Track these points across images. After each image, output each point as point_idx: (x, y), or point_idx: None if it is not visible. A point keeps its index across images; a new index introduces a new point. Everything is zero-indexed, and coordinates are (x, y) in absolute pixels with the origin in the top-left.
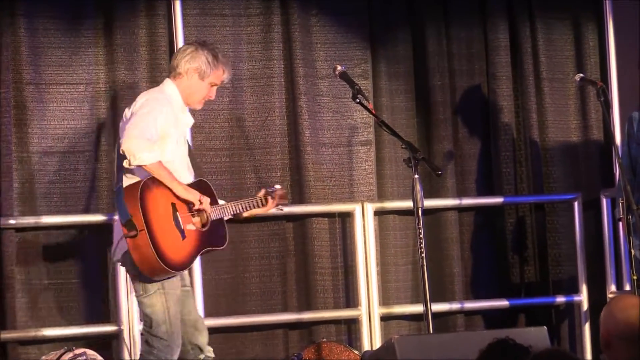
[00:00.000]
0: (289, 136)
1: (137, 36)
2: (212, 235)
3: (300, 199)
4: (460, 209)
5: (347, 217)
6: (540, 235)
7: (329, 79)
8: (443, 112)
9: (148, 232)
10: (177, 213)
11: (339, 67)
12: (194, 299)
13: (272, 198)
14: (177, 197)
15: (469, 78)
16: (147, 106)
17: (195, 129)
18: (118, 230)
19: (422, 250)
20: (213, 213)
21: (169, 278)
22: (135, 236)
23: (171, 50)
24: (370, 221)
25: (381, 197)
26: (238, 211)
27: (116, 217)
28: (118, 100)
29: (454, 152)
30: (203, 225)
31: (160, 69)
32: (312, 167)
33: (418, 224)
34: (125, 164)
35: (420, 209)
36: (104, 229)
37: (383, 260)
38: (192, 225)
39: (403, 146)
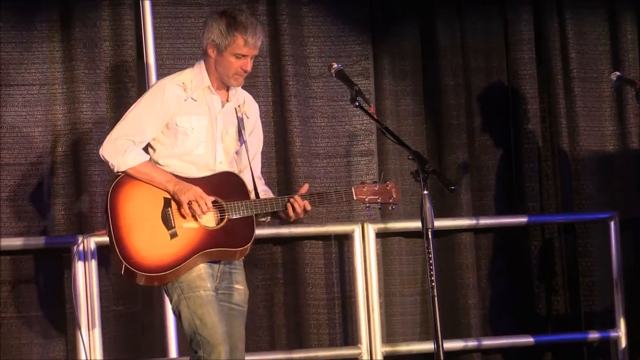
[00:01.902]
0: (277, 145)
1: (99, 29)
2: (226, 235)
3: None
4: (476, 230)
5: (344, 239)
6: (571, 261)
7: (324, 79)
8: (457, 116)
9: (114, 230)
10: (170, 209)
11: (335, 65)
12: (242, 321)
13: (293, 207)
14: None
15: (486, 77)
16: (139, 100)
17: None
18: None
19: (433, 278)
20: (234, 210)
21: (169, 278)
22: (106, 235)
23: (139, 45)
24: (372, 244)
25: (384, 216)
26: (259, 212)
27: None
28: (77, 103)
29: (469, 163)
30: (217, 223)
31: (126, 66)
32: (304, 182)
33: (427, 248)
34: (112, 168)
35: (430, 230)
36: (62, 254)
37: (387, 290)
38: (192, 222)
39: (410, 157)
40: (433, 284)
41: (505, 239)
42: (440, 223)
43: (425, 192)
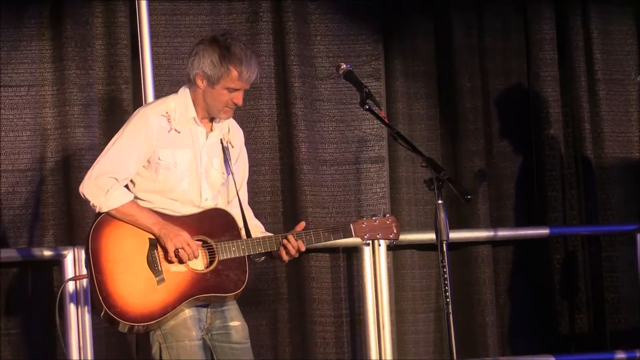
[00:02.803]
0: (281, 151)
1: (91, 26)
2: (217, 279)
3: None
4: (494, 243)
5: (353, 252)
6: (595, 276)
7: (331, 80)
8: (473, 121)
9: (96, 274)
10: (157, 251)
11: (343, 65)
12: (249, 358)
13: (286, 247)
14: None
15: (505, 79)
16: (120, 132)
17: None
18: None
19: (447, 294)
20: (224, 251)
21: (152, 327)
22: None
23: (133, 44)
24: (383, 258)
25: None
26: (251, 252)
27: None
28: (68, 106)
29: (487, 171)
30: (206, 266)
31: (120, 67)
32: (310, 190)
33: (442, 262)
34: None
35: (444, 242)
36: (52, 267)
37: (399, 306)
38: (179, 266)
39: (423, 164)
40: (448, 300)
41: (525, 252)
42: (455, 235)
43: (440, 201)
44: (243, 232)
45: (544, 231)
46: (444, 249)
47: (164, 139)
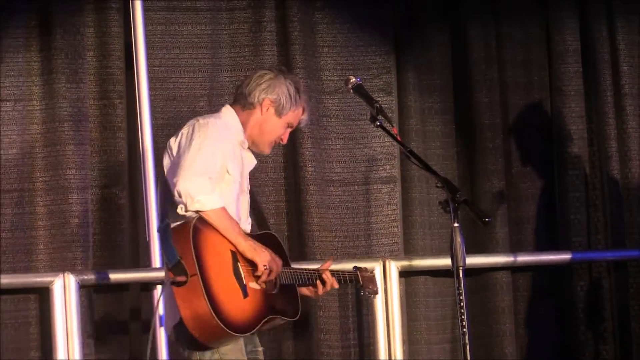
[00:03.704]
0: (286, 171)
1: (83, 37)
2: (281, 302)
3: (300, 255)
4: (514, 269)
5: None
6: (622, 304)
7: (340, 95)
8: (492, 138)
9: (202, 278)
10: (239, 264)
11: (352, 79)
12: None
13: (323, 282)
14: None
15: (526, 93)
16: (202, 134)
17: (157, 161)
18: (167, 299)
19: (464, 323)
20: (283, 276)
21: (225, 344)
22: (184, 283)
23: (128, 56)
24: (395, 285)
25: (409, 252)
26: (297, 282)
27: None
28: (57, 121)
29: (506, 192)
30: (270, 288)
31: (113, 80)
32: (317, 212)
33: (458, 289)
34: (179, 209)
35: (461, 268)
36: (43, 294)
37: (411, 337)
38: (255, 284)
39: (438, 184)
40: (464, 330)
41: (547, 279)
42: (472, 260)
43: (456, 224)
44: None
45: (566, 256)
46: (460, 275)
47: (231, 151)
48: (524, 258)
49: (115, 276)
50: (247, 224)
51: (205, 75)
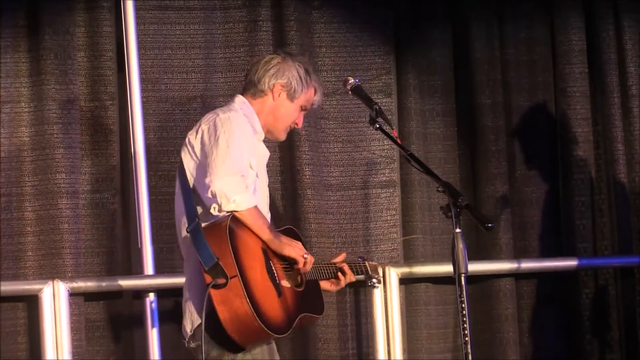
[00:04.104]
0: (283, 175)
1: (73, 37)
2: (309, 299)
3: None
4: (518, 276)
5: (361, 287)
6: (629, 312)
7: (338, 96)
8: (495, 141)
9: (242, 279)
10: (271, 263)
11: (351, 80)
12: None
13: (343, 274)
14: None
15: (530, 94)
16: (227, 130)
17: (150, 165)
18: (195, 301)
19: (466, 332)
20: (308, 272)
21: (261, 345)
22: (224, 285)
23: (119, 56)
24: (395, 292)
25: (409, 258)
26: (319, 277)
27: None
28: (47, 124)
29: (509, 197)
30: (297, 285)
31: (104, 82)
32: (314, 218)
33: (460, 297)
34: (212, 210)
35: (463, 275)
36: (32, 303)
37: (412, 346)
38: (286, 282)
39: (440, 189)
40: (466, 339)
41: (552, 286)
42: (475, 267)
43: (458, 230)
44: None
45: (572, 263)
46: (463, 282)
47: (252, 145)
48: (528, 265)
49: (107, 283)
50: (268, 217)
51: (198, 77)
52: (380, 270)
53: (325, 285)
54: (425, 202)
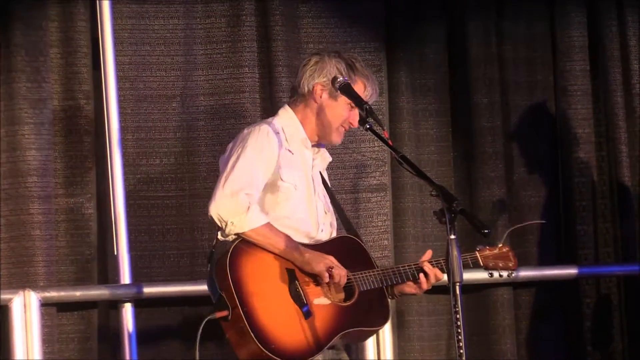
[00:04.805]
0: None
1: (45, 32)
2: (361, 312)
3: None
4: (516, 285)
5: None
6: (633, 322)
7: None
8: (492, 143)
9: (243, 309)
10: (298, 282)
11: (339, 78)
12: None
13: (426, 276)
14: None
15: (529, 93)
16: (242, 146)
17: (128, 168)
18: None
19: (461, 344)
20: (363, 282)
21: None
22: (227, 317)
23: (95, 53)
24: None
25: (399, 263)
26: (389, 282)
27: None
28: (18, 124)
29: (507, 201)
30: (347, 299)
31: (79, 79)
32: None
33: (455, 307)
34: (219, 235)
35: (458, 284)
36: (1, 313)
37: (403, 357)
38: (323, 298)
39: (433, 193)
40: (461, 351)
41: (552, 296)
42: (470, 276)
43: (453, 236)
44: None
45: (572, 271)
46: (457, 291)
47: (284, 157)
48: (526, 273)
49: (81, 293)
50: (319, 232)
51: (178, 74)
52: (512, 257)
53: (408, 288)
54: (417, 207)
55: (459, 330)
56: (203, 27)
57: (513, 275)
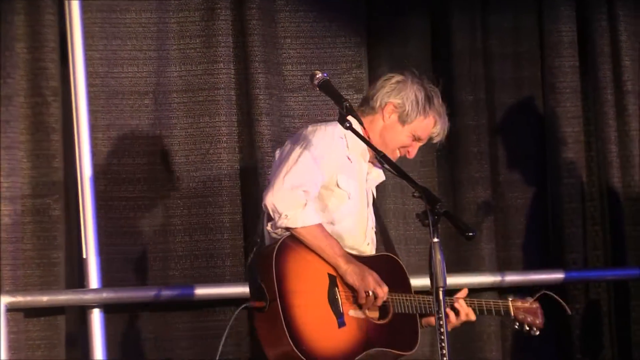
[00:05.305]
0: (243, 179)
1: (11, 26)
2: (392, 333)
3: None
4: (501, 290)
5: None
6: (622, 329)
7: (304, 92)
8: (477, 142)
9: (282, 304)
10: (337, 290)
11: (318, 74)
12: None
13: (457, 313)
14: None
15: (515, 91)
16: (306, 143)
17: (98, 167)
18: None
19: (445, 352)
20: (399, 304)
21: None
22: (263, 309)
23: (63, 47)
24: None
25: None
26: (423, 311)
27: None
28: None
29: (492, 203)
30: (381, 317)
31: (46, 75)
32: None
33: (438, 312)
34: (269, 226)
35: (441, 289)
36: None
37: None
38: (358, 311)
39: (416, 194)
40: (445, 358)
41: (538, 301)
42: (455, 280)
43: (436, 239)
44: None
45: (560, 275)
46: (441, 297)
47: (343, 163)
48: (512, 277)
49: (48, 298)
50: (365, 244)
51: (151, 70)
52: (540, 315)
53: (434, 321)
54: (399, 209)
55: (443, 337)
56: (176, 20)
57: (537, 333)
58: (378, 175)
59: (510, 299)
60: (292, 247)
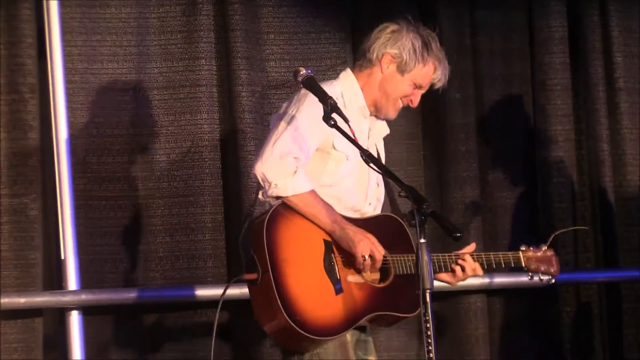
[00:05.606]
0: (225, 178)
1: None
2: (393, 296)
3: (241, 274)
4: (490, 292)
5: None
6: (614, 332)
7: (287, 89)
8: (465, 140)
9: (274, 274)
10: (333, 255)
11: (302, 71)
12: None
13: (462, 269)
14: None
15: (504, 88)
16: (296, 107)
17: (77, 166)
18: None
19: (431, 355)
20: (400, 265)
21: (314, 348)
22: (256, 281)
23: (40, 43)
24: None
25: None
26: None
27: None
28: None
29: (480, 203)
30: (381, 280)
31: (23, 71)
32: None
33: (425, 315)
34: (260, 195)
35: (428, 291)
36: None
37: None
38: (357, 276)
39: (402, 193)
40: None
41: (528, 304)
42: (441, 282)
43: (423, 240)
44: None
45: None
46: (428, 299)
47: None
48: (500, 279)
49: (25, 300)
50: (366, 205)
51: (131, 66)
52: (555, 262)
53: (442, 277)
54: (386, 209)
55: (430, 341)
56: (157, 16)
57: (552, 282)
58: (382, 129)
59: (521, 249)
60: (285, 215)
